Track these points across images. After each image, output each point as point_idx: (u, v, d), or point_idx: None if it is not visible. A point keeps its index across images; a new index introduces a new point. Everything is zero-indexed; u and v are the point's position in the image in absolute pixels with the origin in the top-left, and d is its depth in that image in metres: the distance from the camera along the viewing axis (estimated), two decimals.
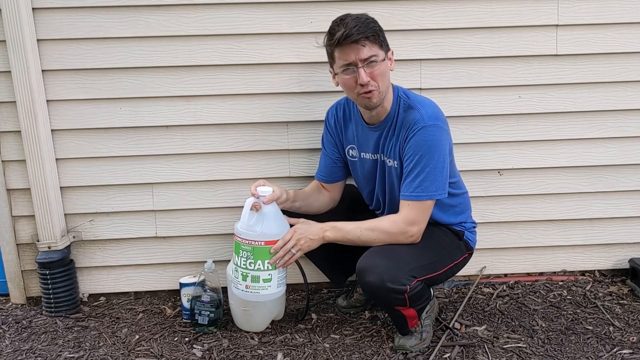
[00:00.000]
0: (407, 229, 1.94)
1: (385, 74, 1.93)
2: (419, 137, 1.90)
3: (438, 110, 1.98)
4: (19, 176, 2.39)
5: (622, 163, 2.50)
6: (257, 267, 1.90)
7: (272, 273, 1.94)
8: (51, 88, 2.33)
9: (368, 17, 1.92)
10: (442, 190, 1.95)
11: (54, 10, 2.26)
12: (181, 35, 2.30)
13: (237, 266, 1.92)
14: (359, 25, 1.85)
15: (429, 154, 1.90)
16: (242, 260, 1.90)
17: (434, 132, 1.91)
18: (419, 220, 1.95)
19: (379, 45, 1.90)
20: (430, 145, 1.91)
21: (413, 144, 1.91)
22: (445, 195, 1.97)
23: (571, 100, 2.44)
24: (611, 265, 2.62)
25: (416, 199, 1.93)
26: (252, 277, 1.90)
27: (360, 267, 1.92)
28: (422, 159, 1.90)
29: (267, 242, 1.91)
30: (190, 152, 2.42)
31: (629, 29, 2.38)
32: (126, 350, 2.13)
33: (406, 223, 1.94)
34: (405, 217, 1.94)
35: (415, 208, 1.94)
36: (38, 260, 2.36)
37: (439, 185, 1.93)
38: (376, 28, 1.90)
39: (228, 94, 2.37)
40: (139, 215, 2.47)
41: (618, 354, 2.03)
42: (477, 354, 2.04)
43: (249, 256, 1.90)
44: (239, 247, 1.91)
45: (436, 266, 2.01)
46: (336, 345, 2.12)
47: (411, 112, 1.94)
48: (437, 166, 1.91)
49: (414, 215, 1.94)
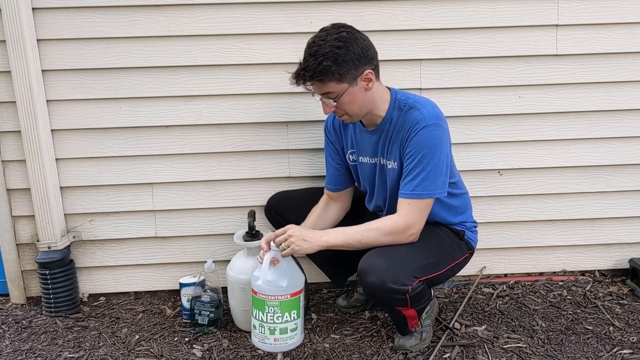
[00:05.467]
0: (406, 228, 1.93)
1: (353, 102, 1.91)
2: (421, 136, 1.90)
3: (438, 110, 1.98)
4: (19, 176, 2.39)
5: (622, 163, 2.50)
6: (285, 319, 1.90)
7: (297, 322, 1.95)
8: (51, 88, 2.33)
9: (330, 48, 1.82)
10: (442, 189, 1.94)
11: (54, 10, 2.26)
12: (181, 35, 2.30)
13: (263, 322, 1.90)
14: (309, 66, 1.82)
15: (430, 153, 1.90)
16: (268, 316, 1.89)
17: (435, 131, 1.90)
18: (418, 219, 1.94)
19: (337, 80, 1.85)
20: (432, 144, 1.90)
21: (415, 142, 1.91)
22: (444, 194, 1.96)
23: (571, 100, 2.44)
24: (611, 265, 2.62)
25: (416, 198, 1.92)
26: (280, 329, 1.91)
27: (361, 268, 1.91)
28: (424, 158, 1.90)
29: (293, 293, 1.91)
30: (190, 152, 2.42)
31: (629, 29, 2.38)
32: (126, 350, 2.13)
33: (406, 222, 1.93)
34: (405, 216, 1.93)
35: (415, 207, 1.93)
36: (38, 260, 2.36)
37: (439, 184, 1.93)
38: (328, 68, 1.81)
39: (228, 94, 2.37)
40: (139, 215, 2.47)
41: (618, 354, 2.03)
42: (477, 354, 2.04)
43: (276, 311, 1.89)
44: (263, 303, 1.89)
45: (437, 266, 2.00)
46: (336, 345, 2.12)
47: (412, 112, 1.93)
48: (438, 165, 1.91)
49: (413, 214, 1.93)
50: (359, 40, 1.87)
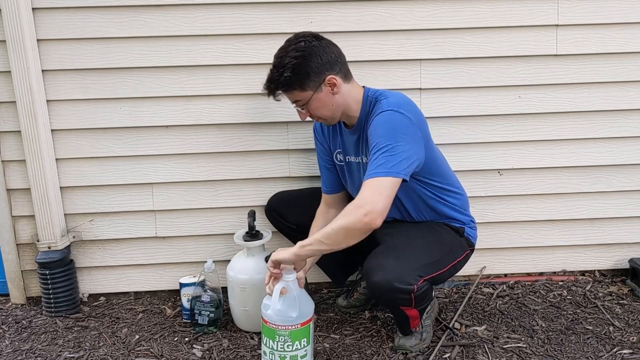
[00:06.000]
0: (359, 209, 1.75)
1: (322, 107, 1.95)
2: (377, 121, 1.88)
3: (405, 100, 1.95)
4: (19, 176, 2.39)
5: (622, 163, 2.50)
6: (295, 347, 1.90)
7: (307, 349, 1.95)
8: (51, 88, 2.33)
9: (289, 59, 1.88)
10: (401, 170, 1.79)
11: (54, 10, 2.26)
12: (181, 35, 2.30)
13: (274, 350, 1.90)
14: (273, 78, 1.91)
15: (387, 136, 1.83)
16: (279, 345, 1.90)
17: (393, 116, 1.86)
18: (372, 199, 1.75)
19: (300, 89, 1.91)
20: (389, 127, 1.85)
21: (372, 128, 1.89)
22: (402, 175, 1.80)
23: (571, 100, 2.44)
24: (611, 265, 2.62)
25: (369, 177, 1.79)
26: (290, 357, 1.91)
27: (367, 268, 1.90)
28: (381, 141, 1.82)
29: (303, 323, 1.92)
30: (190, 152, 2.42)
31: (629, 29, 2.38)
32: (126, 350, 2.13)
33: (359, 203, 1.77)
34: (360, 197, 1.78)
35: (368, 186, 1.78)
36: (38, 260, 2.36)
37: (398, 165, 1.79)
38: (289, 79, 1.88)
39: (228, 94, 2.37)
40: (139, 215, 2.47)
41: (618, 354, 2.03)
42: (477, 354, 2.04)
43: (286, 340, 1.89)
44: (274, 332, 1.90)
45: (440, 264, 2.00)
46: (336, 345, 2.12)
47: (376, 105, 1.94)
48: (396, 148, 1.80)
49: (366, 193, 1.77)
50: (317, 48, 1.90)
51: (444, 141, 2.39)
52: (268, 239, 2.22)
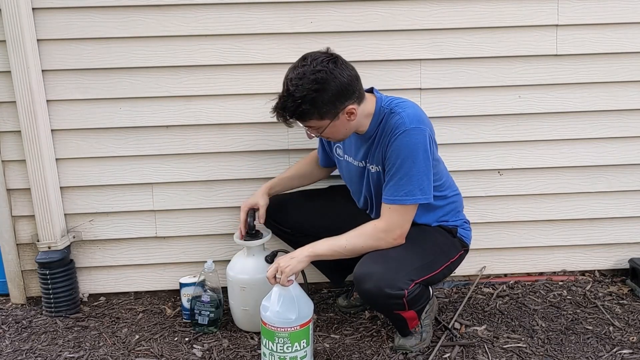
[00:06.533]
0: (389, 232, 1.92)
1: (337, 132, 1.93)
2: (401, 141, 1.88)
3: (419, 111, 1.96)
4: (19, 176, 2.39)
5: (622, 163, 2.50)
6: (295, 348, 1.91)
7: (307, 349, 1.95)
8: (51, 88, 2.33)
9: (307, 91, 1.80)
10: (425, 194, 1.91)
11: (54, 10, 2.26)
12: (181, 35, 2.30)
13: (273, 351, 1.91)
14: (287, 107, 1.83)
15: (411, 158, 1.87)
16: (278, 346, 1.91)
17: (415, 136, 1.88)
18: (401, 223, 1.93)
19: (317, 119, 1.87)
20: (412, 149, 1.87)
21: (395, 148, 1.89)
22: (430, 199, 1.93)
23: (571, 100, 2.44)
24: (611, 265, 2.62)
25: (398, 203, 1.91)
26: (290, 358, 1.92)
27: (357, 275, 1.91)
28: (405, 163, 1.88)
29: (302, 324, 1.92)
30: (190, 152, 2.42)
31: (629, 29, 2.38)
32: (126, 350, 2.13)
33: (388, 227, 1.92)
34: (387, 221, 1.92)
35: (396, 211, 1.91)
36: (38, 260, 2.36)
37: (422, 189, 1.90)
38: (307, 111, 1.83)
39: (228, 94, 2.37)
40: (139, 215, 2.47)
41: (618, 354, 2.03)
42: (477, 354, 2.04)
43: (285, 341, 1.90)
44: (273, 334, 1.90)
45: (433, 266, 2.00)
46: (336, 345, 2.12)
47: (392, 117, 1.92)
48: (420, 170, 1.88)
49: (395, 218, 1.92)
50: (338, 78, 1.83)
51: (444, 141, 2.39)
52: (268, 239, 2.22)
